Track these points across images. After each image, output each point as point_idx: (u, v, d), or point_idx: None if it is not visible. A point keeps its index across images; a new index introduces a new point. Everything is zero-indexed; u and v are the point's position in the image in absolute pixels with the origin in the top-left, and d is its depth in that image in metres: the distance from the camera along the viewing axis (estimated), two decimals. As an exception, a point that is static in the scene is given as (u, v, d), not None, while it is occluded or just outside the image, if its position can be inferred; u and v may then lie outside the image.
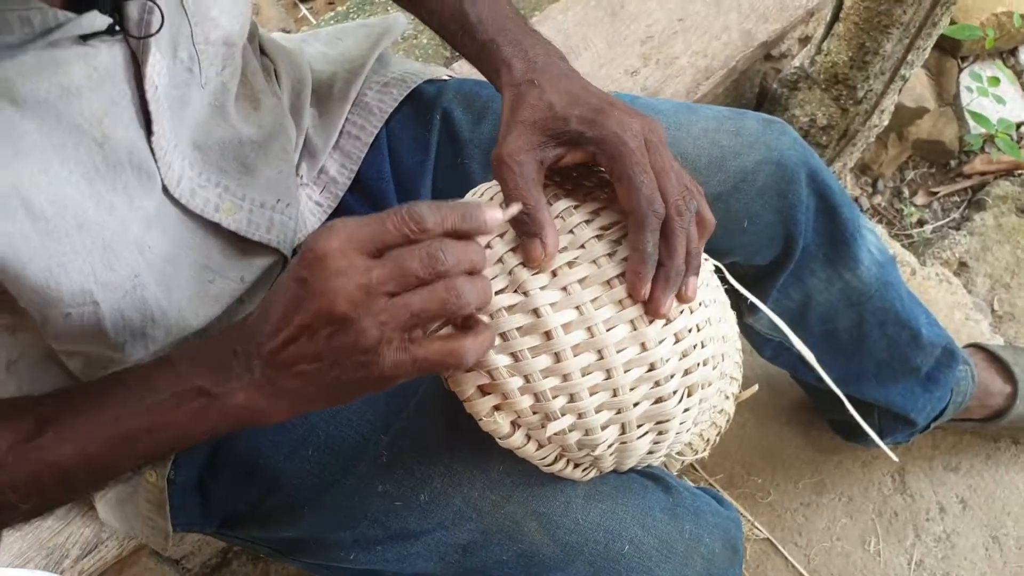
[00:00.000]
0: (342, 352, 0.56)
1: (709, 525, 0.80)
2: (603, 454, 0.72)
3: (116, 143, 0.62)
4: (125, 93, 0.64)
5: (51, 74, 0.58)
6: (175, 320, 0.71)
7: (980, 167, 1.82)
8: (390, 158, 0.95)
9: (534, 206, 0.67)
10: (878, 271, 1.09)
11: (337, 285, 0.54)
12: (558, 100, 0.70)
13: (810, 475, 1.45)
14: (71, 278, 0.60)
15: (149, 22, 0.63)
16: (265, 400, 0.58)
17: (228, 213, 0.75)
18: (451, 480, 0.78)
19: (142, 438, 0.59)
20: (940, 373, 1.24)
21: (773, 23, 1.36)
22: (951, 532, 1.40)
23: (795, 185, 0.94)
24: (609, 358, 0.66)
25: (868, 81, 1.25)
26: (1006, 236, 1.75)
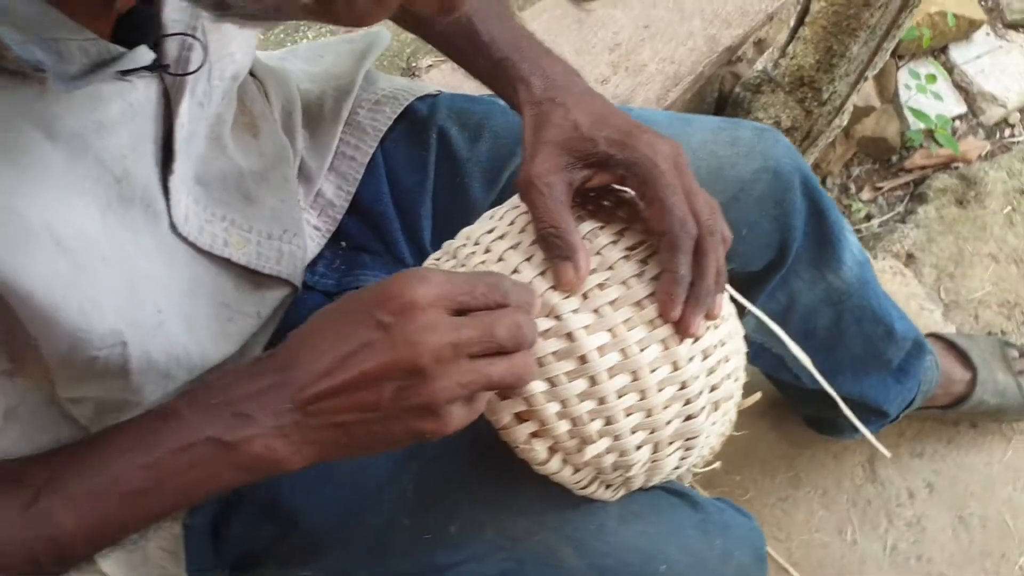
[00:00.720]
0: (407, 408, 0.54)
1: (736, 538, 0.81)
2: (636, 473, 0.72)
3: (133, 180, 0.60)
4: (150, 130, 0.62)
5: (90, 110, 0.55)
6: (198, 359, 0.68)
7: (920, 161, 1.89)
8: (387, 179, 0.93)
9: (566, 229, 0.66)
10: (858, 271, 1.13)
11: (425, 338, 0.53)
12: (584, 120, 0.70)
13: (785, 470, 1.48)
14: (103, 317, 0.56)
15: (188, 59, 0.61)
16: (288, 448, 0.55)
17: (237, 247, 0.73)
18: (481, 510, 0.77)
19: (146, 499, 0.55)
20: (910, 365, 1.28)
21: (736, 28, 1.39)
22: (920, 516, 1.45)
23: (790, 192, 0.96)
24: (643, 379, 0.67)
25: (833, 83, 1.28)
26: (948, 227, 1.82)
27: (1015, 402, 1.42)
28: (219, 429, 0.54)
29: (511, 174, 0.93)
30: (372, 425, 0.55)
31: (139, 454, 0.55)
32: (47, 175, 0.53)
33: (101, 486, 0.54)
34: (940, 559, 1.41)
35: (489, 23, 0.78)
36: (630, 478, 0.72)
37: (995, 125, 1.98)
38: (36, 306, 0.52)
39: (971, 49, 2.02)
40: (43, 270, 0.52)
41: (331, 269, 0.91)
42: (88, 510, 0.54)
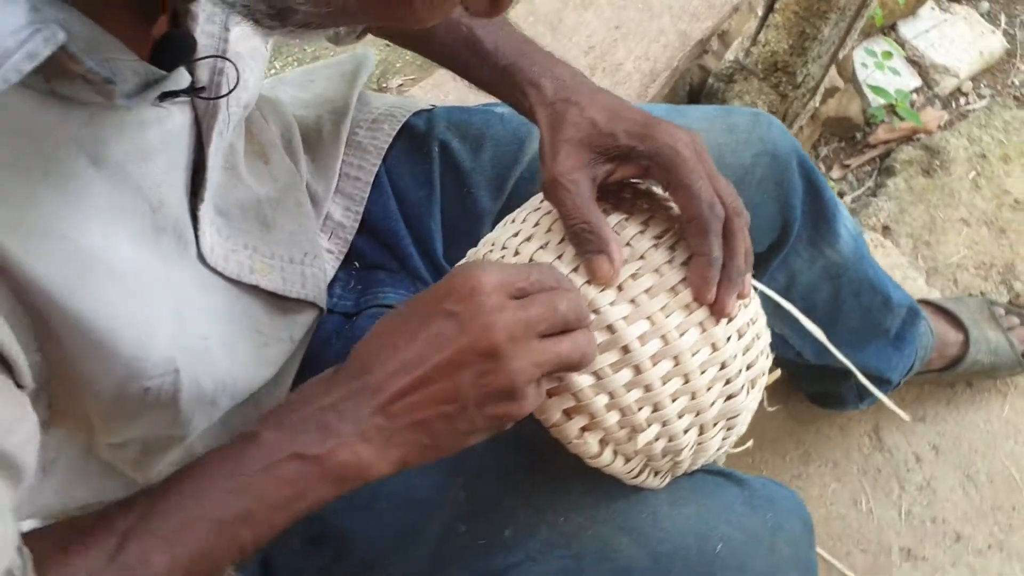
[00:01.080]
0: (487, 393, 0.55)
1: (784, 510, 0.82)
2: (685, 457, 0.73)
3: (167, 209, 0.60)
4: (182, 158, 0.62)
5: (133, 135, 0.55)
6: (242, 384, 0.68)
7: (884, 136, 1.94)
8: (394, 195, 0.94)
9: (597, 223, 0.68)
10: (854, 244, 1.15)
11: (496, 319, 0.54)
12: (600, 116, 0.71)
13: (794, 447, 1.51)
14: (157, 344, 0.56)
15: (219, 83, 0.61)
16: (373, 453, 0.55)
17: (263, 274, 0.73)
18: (534, 510, 0.77)
19: (240, 527, 0.55)
20: (907, 332, 1.32)
21: (704, 20, 1.42)
22: (930, 478, 1.48)
23: (789, 173, 0.98)
24: (685, 363, 0.68)
25: (807, 66, 1.32)
26: (918, 197, 1.87)
27: (1008, 358, 1.46)
28: (303, 444, 0.55)
29: (516, 181, 0.94)
30: (453, 418, 0.56)
31: (227, 482, 0.55)
32: (92, 203, 0.53)
33: (192, 521, 0.54)
34: (954, 518, 1.45)
35: (491, 32, 0.80)
36: (678, 463, 0.74)
37: (950, 95, 2.04)
38: (94, 335, 0.52)
39: (918, 24, 2.08)
40: (98, 296, 0.52)
41: (347, 290, 0.91)
42: (181, 548, 0.53)
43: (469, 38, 0.80)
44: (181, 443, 0.67)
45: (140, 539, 0.53)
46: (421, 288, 0.92)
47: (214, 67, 0.62)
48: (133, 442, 0.64)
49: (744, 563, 0.78)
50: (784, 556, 0.80)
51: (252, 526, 0.55)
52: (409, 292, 0.91)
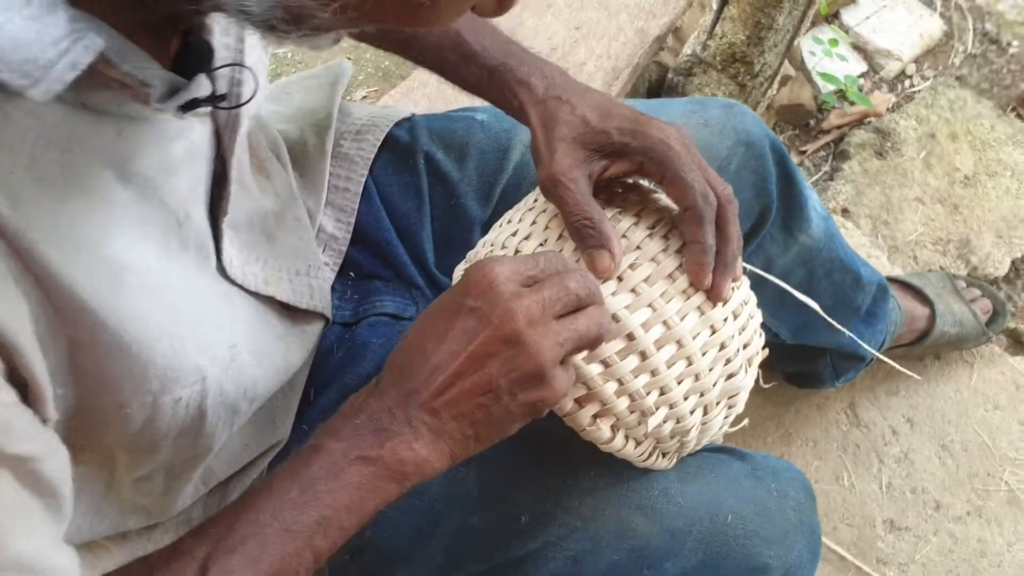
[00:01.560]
0: (517, 379, 0.57)
1: (787, 479, 0.85)
2: (691, 438, 0.75)
3: (192, 223, 0.61)
4: (204, 171, 0.62)
5: (159, 149, 0.56)
6: (262, 389, 0.69)
7: (836, 121, 1.99)
8: (384, 207, 0.94)
9: (598, 219, 0.70)
10: (824, 226, 1.18)
11: (514, 306, 0.56)
12: (591, 115, 0.73)
13: (775, 429, 1.54)
14: (188, 354, 0.58)
15: (239, 93, 0.62)
16: (427, 449, 0.58)
17: (275, 285, 0.74)
18: (548, 496, 0.79)
19: (315, 534, 0.56)
20: (878, 307, 1.35)
21: (661, 17, 1.44)
22: (907, 450, 1.52)
23: (764, 160, 1.00)
24: (688, 346, 0.70)
25: (764, 55, 1.35)
26: (873, 178, 1.92)
27: (973, 329, 1.51)
28: (364, 448, 0.57)
29: (503, 188, 0.95)
30: (491, 408, 0.58)
31: (300, 493, 0.56)
32: (119, 217, 0.53)
33: (270, 537, 0.55)
34: (933, 487, 1.49)
35: (478, 35, 0.81)
36: (685, 443, 0.76)
37: (895, 78, 2.10)
38: (132, 348, 0.53)
39: (860, 11, 2.14)
40: (133, 308, 0.53)
41: (345, 300, 0.91)
42: (263, 561, 0.54)
43: (456, 40, 0.81)
44: (204, 460, 0.68)
45: (221, 560, 0.54)
46: (417, 296, 0.93)
47: (232, 77, 0.62)
48: (158, 470, 0.65)
49: (755, 531, 0.80)
50: (791, 522, 0.82)
51: (326, 532, 0.56)
52: (405, 300, 0.92)
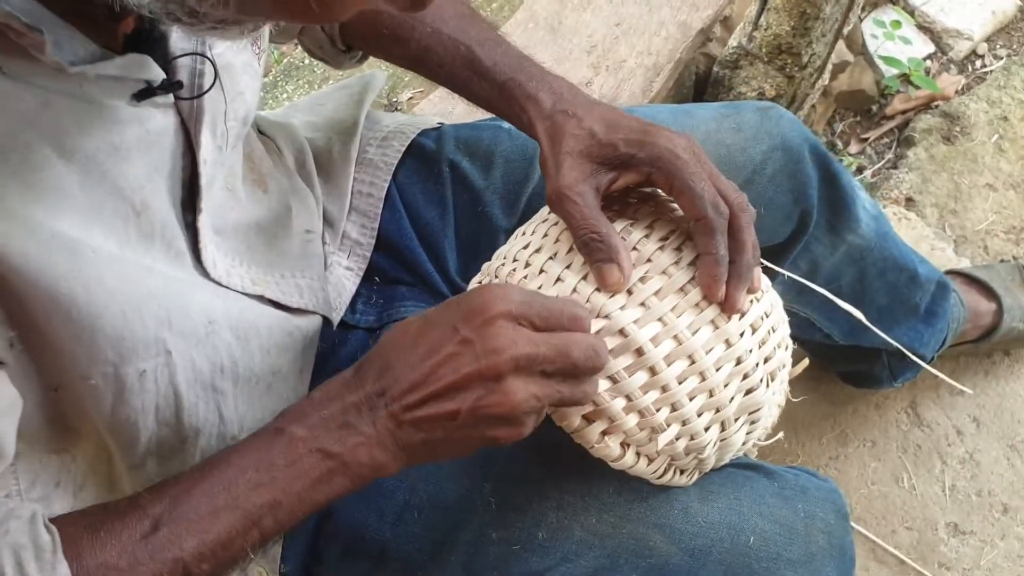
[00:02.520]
0: (485, 415, 0.58)
1: (817, 499, 0.82)
2: (709, 455, 0.73)
3: (153, 213, 0.61)
4: (167, 163, 0.63)
5: (104, 131, 0.57)
6: (243, 369, 0.70)
7: (900, 106, 1.91)
8: (407, 215, 0.95)
9: (606, 232, 0.69)
10: (875, 225, 1.14)
11: (506, 351, 0.56)
12: (598, 127, 0.73)
13: (831, 429, 1.49)
14: (145, 324, 0.59)
15: (201, 85, 0.63)
16: (386, 455, 0.60)
17: (262, 286, 0.75)
18: (566, 512, 0.78)
19: (264, 516, 0.59)
20: (937, 306, 1.30)
21: (704, 9, 1.41)
22: (973, 451, 1.46)
23: (802, 164, 0.97)
24: (700, 361, 0.68)
25: (811, 46, 1.30)
26: (940, 165, 1.84)
27: (1044, 324, 1.44)
28: (327, 442, 0.59)
29: (529, 196, 0.95)
30: (453, 434, 0.59)
31: (256, 474, 0.58)
32: (64, 198, 0.54)
33: (222, 507, 0.57)
34: (1000, 490, 1.43)
35: (488, 49, 0.81)
36: (703, 460, 0.74)
37: (965, 59, 2.01)
38: (78, 315, 0.54)
39: (927, -11, 2.05)
40: (84, 273, 0.54)
41: (369, 305, 0.92)
42: (211, 532, 0.57)
43: (468, 56, 0.82)
44: (195, 445, 0.69)
45: (172, 523, 0.57)
46: (440, 301, 0.94)
47: (193, 68, 0.63)
48: (148, 456, 0.66)
49: (778, 554, 0.78)
50: (819, 545, 0.80)
51: (275, 515, 0.59)
52: (429, 305, 0.92)
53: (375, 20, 0.85)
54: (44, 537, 0.54)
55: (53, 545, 0.53)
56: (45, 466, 0.61)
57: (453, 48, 0.82)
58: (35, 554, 0.53)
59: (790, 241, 1.05)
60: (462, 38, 0.82)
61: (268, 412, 0.73)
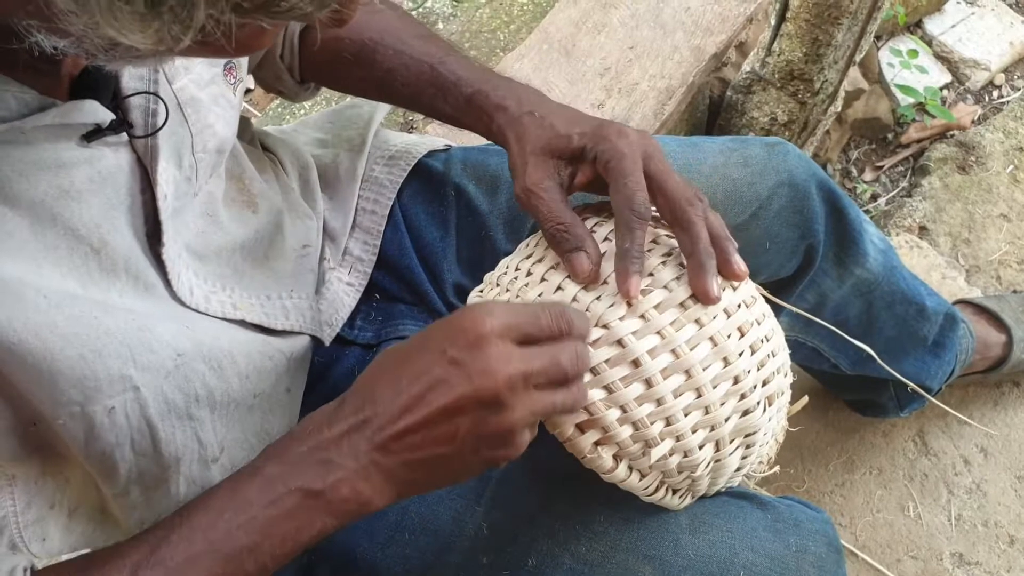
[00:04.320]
0: (483, 437, 0.57)
1: (809, 532, 0.82)
2: (701, 475, 0.73)
3: (113, 250, 0.61)
4: (124, 199, 0.63)
5: (51, 175, 0.56)
6: (219, 396, 0.68)
7: (915, 135, 1.92)
8: (409, 234, 0.96)
9: (571, 223, 0.70)
10: (883, 259, 1.14)
11: (498, 369, 0.56)
12: (559, 122, 0.75)
13: (837, 456, 1.49)
14: (107, 364, 0.57)
15: (155, 122, 0.63)
16: (372, 489, 0.58)
17: (245, 310, 0.75)
18: (556, 539, 0.78)
19: (247, 558, 0.57)
20: (945, 338, 1.29)
21: (718, 35, 1.42)
22: (980, 481, 1.45)
23: (808, 200, 0.97)
24: (697, 376, 0.68)
25: (824, 72, 1.31)
26: (954, 194, 1.84)
27: (1055, 356, 1.43)
28: (307, 479, 0.57)
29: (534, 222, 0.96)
30: (449, 459, 0.58)
31: (234, 516, 0.57)
32: (10, 242, 0.54)
33: (199, 554, 0.56)
34: (1007, 521, 1.41)
35: (451, 65, 0.83)
36: (695, 480, 0.73)
37: (982, 89, 2.01)
38: (33, 361, 0.53)
39: (945, 19, 2.06)
40: (35, 321, 0.53)
41: (368, 322, 0.93)
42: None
43: (432, 74, 0.83)
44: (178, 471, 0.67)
45: (150, 569, 0.55)
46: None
47: (146, 107, 0.63)
48: (132, 486, 0.66)
49: None
50: None
51: (257, 557, 0.57)
52: (428, 324, 0.93)
53: (337, 47, 0.86)
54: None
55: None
56: (40, 488, 0.60)
57: (416, 68, 0.84)
58: None
59: (796, 275, 1.06)
60: (425, 57, 0.84)
61: (251, 432, 0.73)
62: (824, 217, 1.01)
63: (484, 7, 1.84)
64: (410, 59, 0.84)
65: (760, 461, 0.96)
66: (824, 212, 1.01)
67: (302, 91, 0.94)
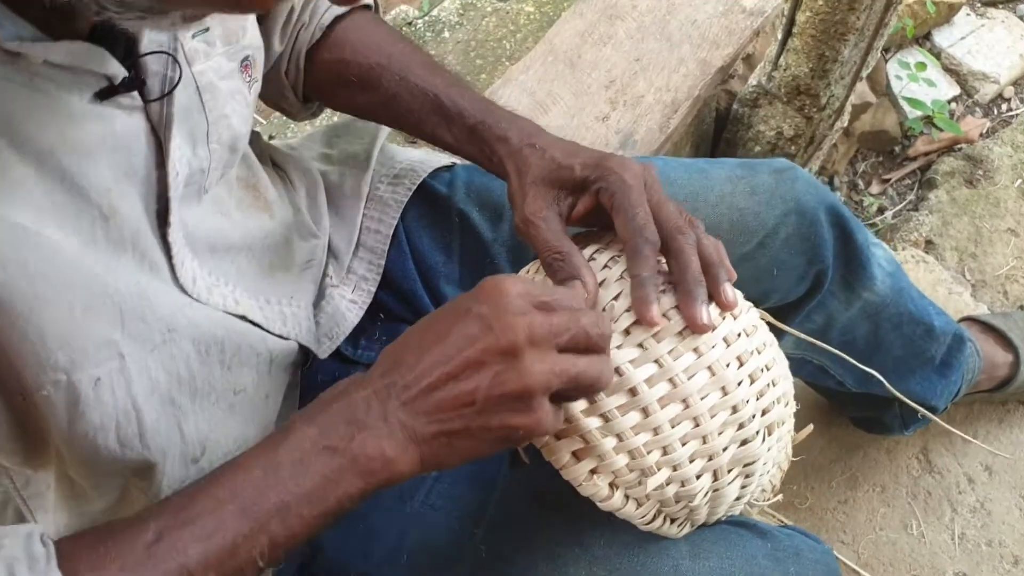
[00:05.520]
0: (502, 396, 0.56)
1: (809, 561, 0.81)
2: (699, 504, 0.72)
3: (123, 220, 0.59)
4: (138, 170, 0.61)
5: (62, 124, 0.55)
6: (201, 383, 0.67)
7: (923, 148, 1.91)
8: (412, 256, 0.95)
9: (568, 252, 0.70)
10: (891, 282, 1.13)
11: (520, 321, 0.56)
12: (559, 154, 0.76)
13: (840, 472, 1.48)
14: (95, 324, 0.56)
15: (172, 78, 0.62)
16: (397, 448, 0.57)
17: (246, 308, 0.75)
18: (555, 563, 0.77)
19: (272, 519, 0.55)
20: (952, 358, 1.28)
21: (724, 48, 1.41)
22: (984, 500, 1.44)
23: (816, 227, 0.97)
24: (695, 406, 0.68)
25: (830, 87, 1.30)
26: (961, 208, 1.83)
27: (1062, 375, 1.42)
28: (334, 438, 0.57)
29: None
30: (469, 422, 0.57)
31: (263, 475, 0.56)
32: (16, 191, 0.52)
33: (227, 515, 0.55)
34: (1011, 541, 1.40)
35: (455, 95, 0.84)
36: (693, 509, 0.73)
37: (991, 102, 2.00)
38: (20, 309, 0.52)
39: (954, 32, 2.05)
40: (27, 262, 0.51)
41: (373, 341, 0.93)
42: (216, 538, 0.54)
43: (436, 102, 0.84)
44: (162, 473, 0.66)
45: (174, 531, 0.54)
46: None
47: (164, 74, 0.62)
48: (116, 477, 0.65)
49: None
50: None
51: (284, 519, 0.56)
52: None
53: (341, 69, 0.88)
54: (39, 550, 0.53)
55: (47, 556, 0.52)
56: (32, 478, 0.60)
57: (421, 95, 0.84)
58: (28, 564, 0.52)
59: (804, 298, 1.05)
60: (429, 86, 0.84)
61: (231, 438, 0.72)
62: (832, 242, 1.00)
63: (490, 16, 1.83)
64: (415, 87, 0.85)
65: (763, 489, 0.96)
66: (833, 237, 1.00)
67: (304, 110, 0.94)
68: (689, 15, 1.48)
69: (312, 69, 0.89)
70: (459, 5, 1.87)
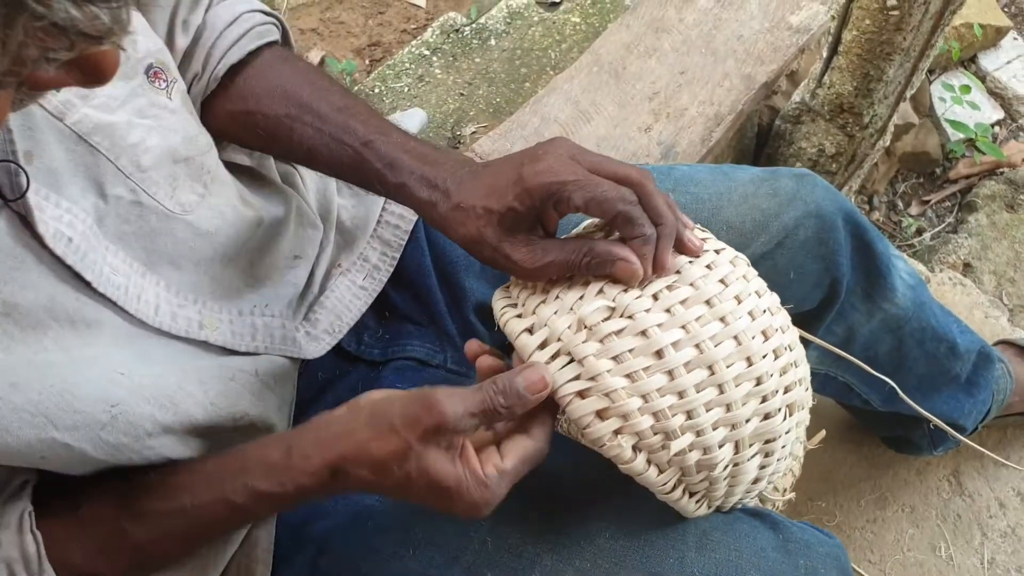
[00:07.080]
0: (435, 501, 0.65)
1: (821, 556, 0.81)
2: (719, 476, 0.73)
3: (27, 308, 0.60)
4: (25, 256, 0.61)
5: None
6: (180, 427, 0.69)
7: (964, 171, 1.90)
8: (430, 251, 0.96)
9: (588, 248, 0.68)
10: (912, 295, 1.14)
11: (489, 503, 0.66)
12: (492, 203, 0.71)
13: (870, 491, 1.48)
14: (21, 436, 0.58)
15: (19, 183, 0.60)
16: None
17: (212, 328, 0.75)
18: (561, 555, 0.77)
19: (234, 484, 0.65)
20: (979, 376, 1.28)
21: (769, 64, 1.42)
22: (1015, 525, 1.43)
23: (834, 232, 0.98)
24: (720, 373, 0.68)
25: (873, 107, 1.31)
26: (1001, 232, 1.82)
27: (1098, 400, 1.41)
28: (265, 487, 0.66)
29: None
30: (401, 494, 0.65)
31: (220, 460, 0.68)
32: None
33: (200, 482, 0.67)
34: (1041, 568, 1.39)
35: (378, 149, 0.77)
36: (713, 482, 0.72)
37: (1036, 127, 1.99)
38: None
39: (1000, 55, 2.04)
40: None
41: (376, 339, 0.94)
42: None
43: (355, 159, 0.78)
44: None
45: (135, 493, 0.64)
46: (447, 344, 0.95)
47: (9, 169, 0.60)
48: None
49: None
50: None
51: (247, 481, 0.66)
52: (434, 347, 0.94)
53: (246, 121, 0.81)
54: (31, 548, 0.59)
55: (39, 553, 0.59)
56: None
57: (339, 150, 0.78)
58: (24, 565, 0.59)
59: (821, 308, 1.06)
60: (347, 139, 0.78)
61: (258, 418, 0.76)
62: (850, 251, 1.01)
63: (536, 26, 1.86)
64: (331, 139, 0.78)
65: (775, 487, 0.96)
66: (850, 246, 1.01)
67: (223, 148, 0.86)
68: (735, 30, 1.49)
69: (213, 122, 0.81)
70: (506, 14, 1.89)
